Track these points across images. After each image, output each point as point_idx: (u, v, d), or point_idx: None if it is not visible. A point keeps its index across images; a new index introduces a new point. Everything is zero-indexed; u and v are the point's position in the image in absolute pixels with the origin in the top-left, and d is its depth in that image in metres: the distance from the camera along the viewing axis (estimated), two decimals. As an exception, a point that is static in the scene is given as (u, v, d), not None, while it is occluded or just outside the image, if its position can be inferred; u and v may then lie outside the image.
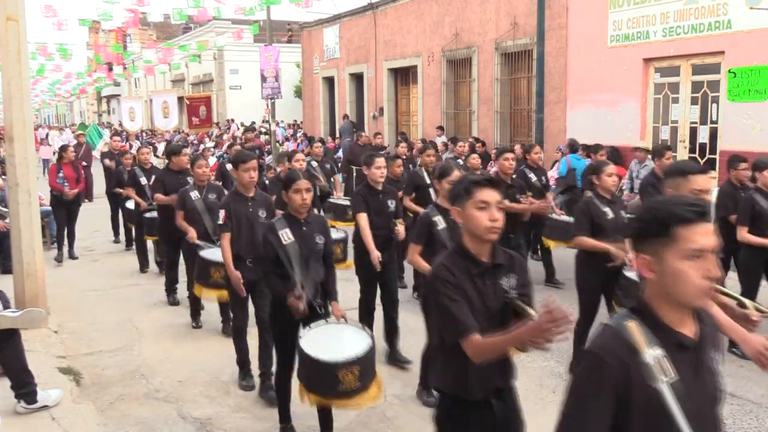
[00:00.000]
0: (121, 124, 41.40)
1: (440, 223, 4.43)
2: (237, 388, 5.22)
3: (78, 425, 4.52)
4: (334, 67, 22.49)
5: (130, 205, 9.42)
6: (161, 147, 24.54)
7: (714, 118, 10.68)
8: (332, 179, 10.01)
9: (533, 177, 7.84)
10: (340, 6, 22.95)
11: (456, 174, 4.42)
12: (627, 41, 11.78)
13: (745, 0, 9.75)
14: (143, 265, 9.13)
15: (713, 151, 10.74)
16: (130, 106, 22.90)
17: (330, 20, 22.42)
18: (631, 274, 4.82)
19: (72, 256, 9.88)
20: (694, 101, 11.02)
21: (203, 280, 5.72)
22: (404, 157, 10.49)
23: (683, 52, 10.91)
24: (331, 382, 3.59)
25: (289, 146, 23.67)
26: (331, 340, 3.85)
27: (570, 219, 7.33)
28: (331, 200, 9.01)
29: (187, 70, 37.30)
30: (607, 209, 5.08)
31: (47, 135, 29.39)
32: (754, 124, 9.90)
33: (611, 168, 5.31)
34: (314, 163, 9.77)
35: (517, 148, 13.46)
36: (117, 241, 10.97)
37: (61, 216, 9.83)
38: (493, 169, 11.43)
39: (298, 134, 24.86)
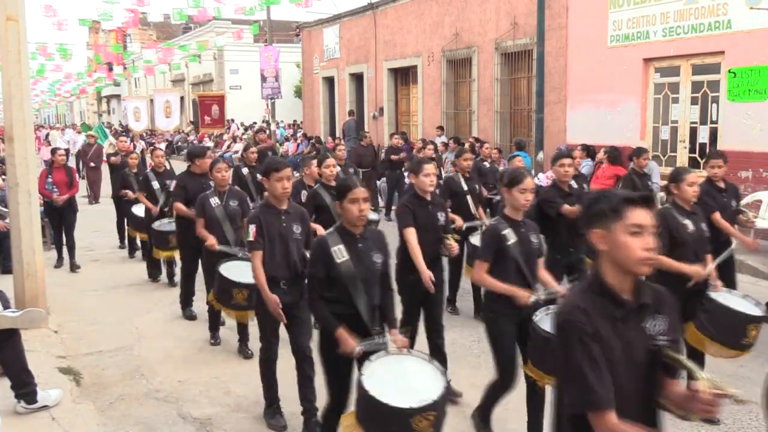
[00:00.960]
0: (121, 124, 41.49)
1: (510, 236, 3.98)
2: (237, 388, 5.22)
3: (78, 425, 4.52)
4: (334, 67, 22.48)
5: (138, 211, 8.87)
6: (161, 147, 24.52)
7: (714, 118, 10.68)
8: None
9: (639, 182, 7.74)
10: (340, 6, 22.98)
11: (529, 182, 4.00)
12: (627, 41, 11.77)
13: (745, 0, 9.75)
14: (154, 275, 8.59)
15: (713, 150, 10.72)
16: (135, 106, 22.37)
17: (330, 20, 22.42)
18: (718, 296, 4.48)
19: (73, 267, 9.25)
20: (694, 101, 11.02)
21: (224, 300, 5.26)
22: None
23: (683, 52, 10.91)
24: (403, 430, 3.07)
25: (289, 146, 23.69)
26: (398, 378, 3.31)
27: None
28: None
29: (187, 70, 37.30)
30: (687, 221, 4.63)
31: (47, 135, 29.24)
32: (754, 124, 9.89)
33: (693, 176, 4.76)
34: (337, 168, 9.14)
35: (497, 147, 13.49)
36: (123, 246, 10.55)
37: (55, 222, 9.45)
38: (542, 176, 11.10)
39: (298, 134, 24.86)
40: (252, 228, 4.34)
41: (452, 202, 6.67)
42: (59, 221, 9.34)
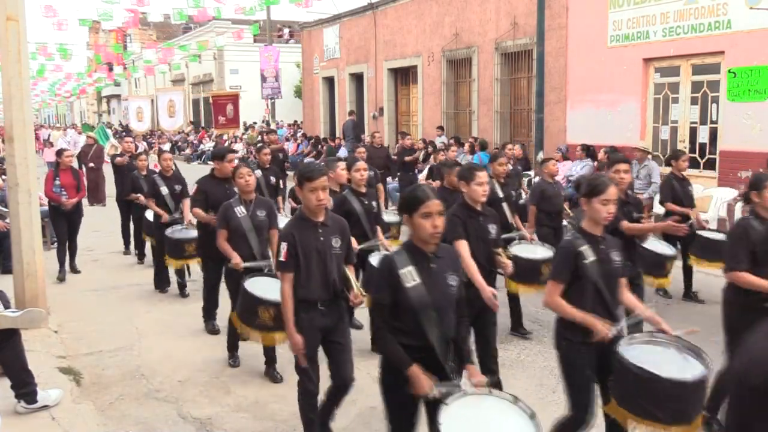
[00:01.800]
0: (121, 124, 41.51)
1: (588, 254, 3.46)
2: (237, 388, 5.22)
3: (78, 425, 4.52)
4: (334, 67, 22.48)
5: (149, 215, 8.40)
6: (166, 149, 24.32)
7: (714, 118, 10.68)
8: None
9: (679, 187, 7.26)
10: (340, 6, 22.95)
11: (612, 191, 3.50)
12: (627, 41, 11.78)
13: (745, 0, 9.75)
14: (161, 285, 8.02)
15: (713, 151, 10.74)
16: (138, 106, 21.68)
17: (330, 20, 22.42)
18: None
19: (74, 269, 8.95)
20: (694, 101, 11.02)
21: (248, 319, 4.72)
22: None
23: (683, 52, 10.91)
24: None
25: (289, 147, 23.67)
26: (480, 424, 2.89)
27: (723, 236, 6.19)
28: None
29: (187, 70, 37.33)
30: None
31: (49, 136, 29.12)
32: (754, 124, 9.90)
33: None
34: (368, 172, 8.08)
35: (517, 148, 13.50)
36: (127, 252, 10.07)
37: (61, 228, 8.70)
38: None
39: (298, 134, 24.87)
40: (284, 247, 3.81)
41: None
42: (65, 226, 8.70)
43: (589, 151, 11.88)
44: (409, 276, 3.03)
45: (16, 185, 6.43)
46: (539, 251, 6.16)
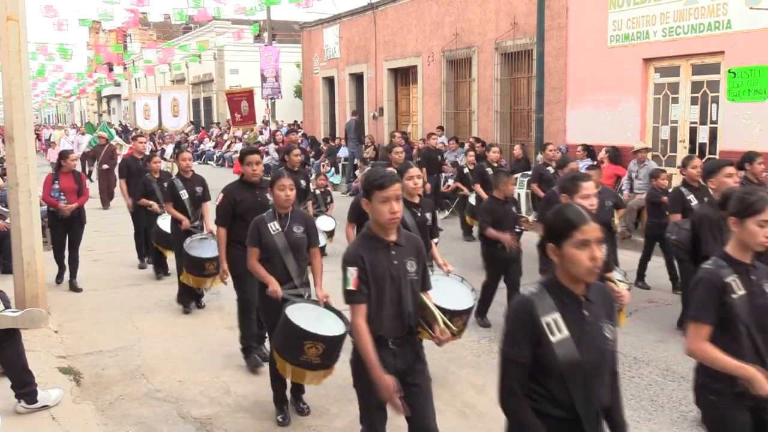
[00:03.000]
0: (121, 124, 41.50)
1: (737, 287, 2.83)
2: (237, 388, 5.23)
3: (78, 425, 4.53)
4: (334, 67, 22.49)
5: (164, 224, 7.75)
6: (169, 149, 24.14)
7: (714, 118, 10.68)
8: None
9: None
10: (340, 6, 22.99)
11: None
12: (627, 41, 11.77)
13: (745, 0, 9.75)
14: (185, 301, 7.20)
15: (713, 151, 10.74)
16: (144, 103, 20.74)
17: (330, 20, 22.42)
18: None
19: (74, 288, 8.15)
20: (693, 101, 11.02)
21: (289, 353, 4.11)
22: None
23: (683, 52, 10.91)
24: None
25: (289, 146, 23.67)
26: None
27: None
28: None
29: (188, 70, 37.35)
30: None
31: (50, 136, 28.84)
32: (753, 124, 9.90)
33: None
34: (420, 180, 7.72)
35: (517, 148, 13.51)
36: (143, 266, 9.25)
37: (59, 236, 8.16)
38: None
39: (298, 134, 24.87)
40: (352, 272, 3.11)
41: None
42: (64, 234, 8.14)
43: (589, 151, 11.90)
44: (555, 327, 2.33)
45: (17, 185, 6.44)
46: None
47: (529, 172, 12.37)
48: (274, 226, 4.56)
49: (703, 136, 10.95)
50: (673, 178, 11.19)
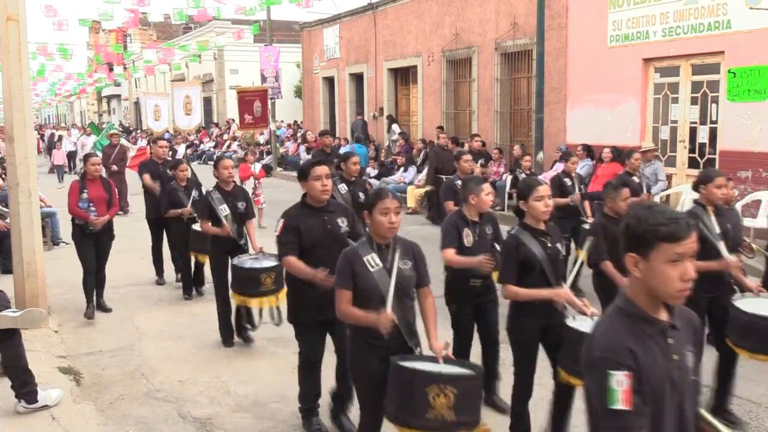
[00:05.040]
0: (122, 124, 41.50)
1: None
2: (237, 388, 5.23)
3: (78, 425, 4.53)
4: (334, 67, 22.49)
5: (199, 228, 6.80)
6: (181, 149, 23.88)
7: (714, 118, 10.68)
8: None
9: None
10: (340, 6, 22.97)
11: None
12: (627, 41, 11.78)
13: (745, 0, 9.75)
14: (227, 337, 6.12)
15: (713, 151, 10.75)
16: (155, 103, 19.62)
17: (330, 20, 22.43)
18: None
19: (102, 307, 7.14)
20: (693, 101, 11.02)
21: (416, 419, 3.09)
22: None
23: (683, 52, 10.91)
24: None
25: (289, 147, 23.70)
26: None
27: None
28: None
29: (188, 70, 37.32)
30: None
31: (52, 135, 28.55)
32: (753, 124, 9.90)
33: None
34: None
35: (517, 148, 13.49)
36: (161, 281, 8.36)
37: (88, 254, 6.91)
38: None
39: (298, 134, 24.86)
40: (621, 380, 1.94)
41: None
42: (93, 251, 6.94)
43: (589, 151, 11.88)
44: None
45: (17, 185, 6.44)
46: None
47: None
48: (372, 261, 3.47)
49: (703, 136, 10.95)
50: (673, 179, 11.23)
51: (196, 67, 35.93)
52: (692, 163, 11.02)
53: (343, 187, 6.29)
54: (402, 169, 15.99)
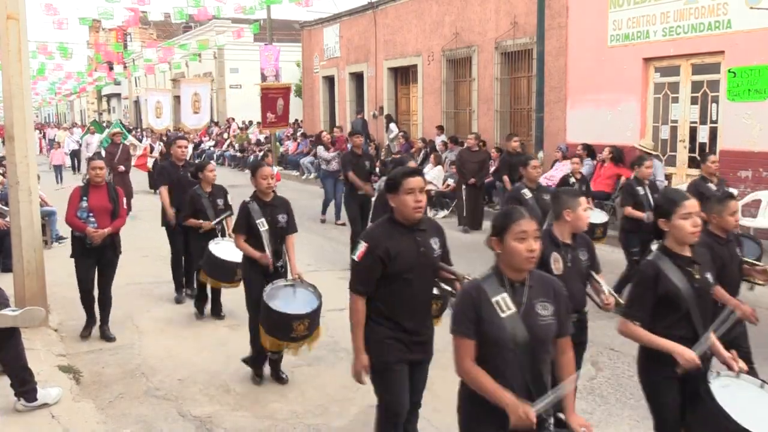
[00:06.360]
0: (121, 122, 41.46)
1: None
2: (237, 387, 5.23)
3: (78, 423, 4.53)
4: (334, 66, 22.50)
5: (219, 252, 6.15)
6: (189, 149, 23.67)
7: (714, 118, 10.68)
8: None
9: None
10: (340, 5, 22.96)
11: None
12: (627, 41, 11.78)
13: (745, 0, 9.75)
14: (258, 370, 5.30)
15: (713, 150, 10.75)
16: (156, 100, 19.13)
17: (330, 19, 22.44)
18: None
19: (106, 336, 6.29)
20: (693, 101, 11.03)
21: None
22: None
23: (683, 52, 10.92)
24: None
25: (289, 146, 23.68)
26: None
27: None
28: None
29: (188, 69, 37.29)
30: None
31: (55, 136, 28.32)
32: (753, 123, 9.90)
33: None
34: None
35: (515, 141, 13.43)
36: (180, 299, 7.52)
37: (86, 273, 6.15)
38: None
39: (298, 134, 24.87)
40: None
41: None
42: (92, 267, 6.18)
43: (590, 151, 11.90)
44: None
45: (17, 184, 6.44)
46: None
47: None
48: (504, 304, 2.64)
49: (703, 135, 10.96)
50: (672, 178, 11.23)
51: (196, 66, 35.92)
52: (692, 163, 11.03)
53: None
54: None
